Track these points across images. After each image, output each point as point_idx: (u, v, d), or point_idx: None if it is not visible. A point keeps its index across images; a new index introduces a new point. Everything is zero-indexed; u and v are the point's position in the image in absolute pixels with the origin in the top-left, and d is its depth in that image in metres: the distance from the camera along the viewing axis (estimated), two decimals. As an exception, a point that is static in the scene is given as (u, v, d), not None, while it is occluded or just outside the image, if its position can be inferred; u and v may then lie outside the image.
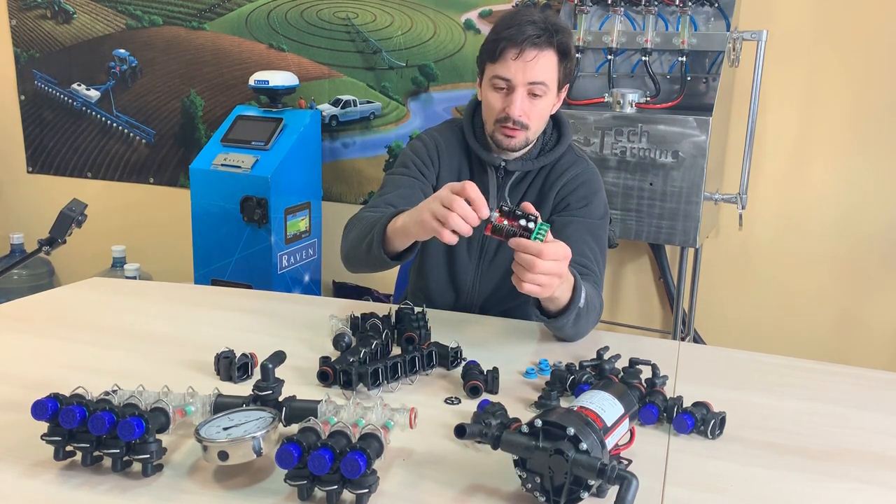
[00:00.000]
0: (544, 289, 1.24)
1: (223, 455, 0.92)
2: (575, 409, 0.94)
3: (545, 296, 1.28)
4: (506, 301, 1.70)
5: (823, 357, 2.09)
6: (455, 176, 1.69)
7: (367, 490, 0.88)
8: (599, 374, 1.23)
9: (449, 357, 1.32)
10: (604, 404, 0.96)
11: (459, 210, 1.22)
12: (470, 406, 1.16)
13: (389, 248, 1.43)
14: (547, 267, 1.21)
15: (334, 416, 1.01)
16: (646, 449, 1.06)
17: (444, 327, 1.51)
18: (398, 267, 1.60)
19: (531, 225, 1.21)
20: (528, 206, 1.25)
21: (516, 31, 1.50)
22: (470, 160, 1.69)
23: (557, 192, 1.65)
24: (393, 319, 1.44)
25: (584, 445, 0.86)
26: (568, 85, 1.63)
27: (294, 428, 0.94)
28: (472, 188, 1.23)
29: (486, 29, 2.80)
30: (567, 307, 1.36)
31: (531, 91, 1.53)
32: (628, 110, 2.29)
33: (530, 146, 1.63)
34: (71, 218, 2.07)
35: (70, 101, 3.51)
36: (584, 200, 1.63)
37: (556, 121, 1.69)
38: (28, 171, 3.67)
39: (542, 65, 1.52)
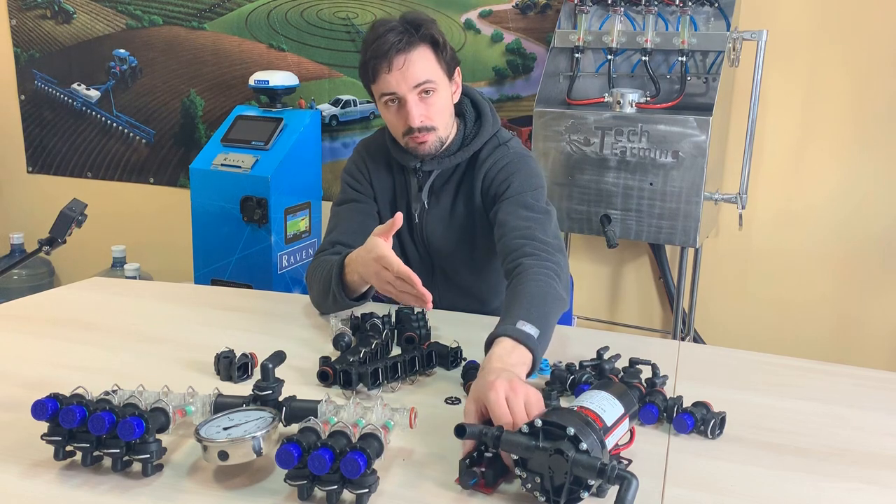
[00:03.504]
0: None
1: (223, 455, 0.92)
2: (575, 409, 0.94)
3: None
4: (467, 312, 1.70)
5: (823, 357, 2.09)
6: (388, 182, 1.71)
7: (367, 490, 0.88)
8: (599, 374, 1.23)
9: (449, 357, 1.32)
10: (604, 404, 0.96)
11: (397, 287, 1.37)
12: (470, 406, 1.16)
13: (352, 292, 1.52)
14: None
15: (334, 416, 1.01)
16: (646, 449, 1.06)
17: (444, 327, 1.51)
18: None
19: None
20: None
21: (379, 44, 1.50)
22: (398, 165, 1.70)
23: (480, 187, 1.63)
24: (393, 319, 1.44)
25: (584, 445, 0.86)
26: (458, 68, 1.61)
27: (294, 428, 0.94)
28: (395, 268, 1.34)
29: (486, 29, 2.80)
30: (533, 353, 1.19)
31: (421, 91, 1.52)
32: (628, 110, 2.29)
33: (449, 141, 1.62)
34: (71, 218, 2.07)
35: (70, 101, 3.50)
36: (505, 183, 1.59)
37: (477, 110, 1.67)
38: (28, 171, 3.67)
39: (417, 65, 1.51)
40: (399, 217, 1.38)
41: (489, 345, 1.18)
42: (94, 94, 3.46)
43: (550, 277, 1.36)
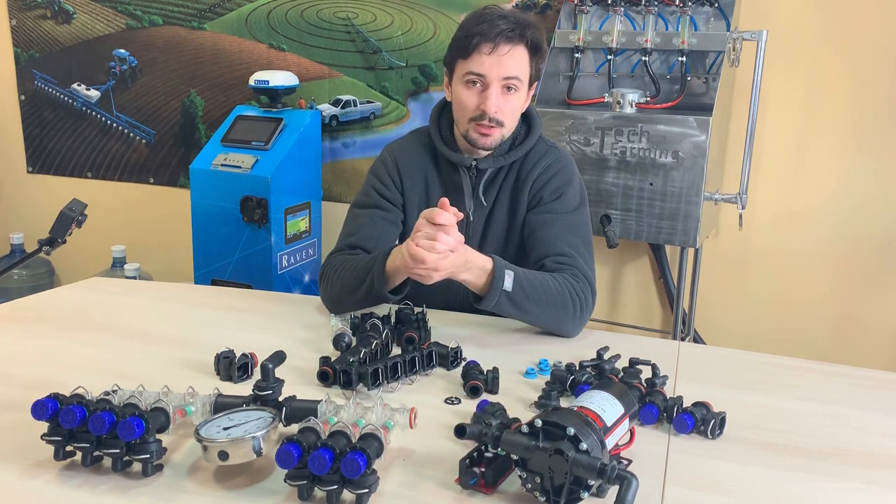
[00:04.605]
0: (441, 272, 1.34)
1: (223, 455, 0.92)
2: (575, 409, 0.94)
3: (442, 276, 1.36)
4: None
5: (823, 357, 2.09)
6: (422, 185, 1.69)
7: (367, 490, 0.88)
8: (599, 374, 1.23)
9: (449, 357, 1.32)
10: (604, 404, 0.96)
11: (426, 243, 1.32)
12: (470, 406, 1.16)
13: (389, 285, 1.48)
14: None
15: (334, 416, 1.01)
16: (646, 449, 1.06)
17: (444, 327, 1.51)
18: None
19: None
20: None
21: (489, 26, 1.50)
22: (438, 164, 1.69)
23: (531, 186, 1.64)
24: (393, 319, 1.44)
25: (584, 445, 0.86)
26: (537, 83, 1.63)
27: (294, 428, 0.94)
28: (433, 213, 1.33)
29: (486, 29, 2.80)
30: (489, 292, 1.40)
31: (505, 86, 1.53)
32: (628, 110, 2.29)
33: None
34: (71, 218, 2.07)
35: (70, 101, 3.50)
36: (557, 192, 1.61)
37: (525, 114, 1.68)
38: (28, 171, 3.67)
39: (515, 59, 1.52)
40: (445, 202, 1.37)
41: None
42: (94, 94, 3.46)
43: (568, 298, 1.46)
